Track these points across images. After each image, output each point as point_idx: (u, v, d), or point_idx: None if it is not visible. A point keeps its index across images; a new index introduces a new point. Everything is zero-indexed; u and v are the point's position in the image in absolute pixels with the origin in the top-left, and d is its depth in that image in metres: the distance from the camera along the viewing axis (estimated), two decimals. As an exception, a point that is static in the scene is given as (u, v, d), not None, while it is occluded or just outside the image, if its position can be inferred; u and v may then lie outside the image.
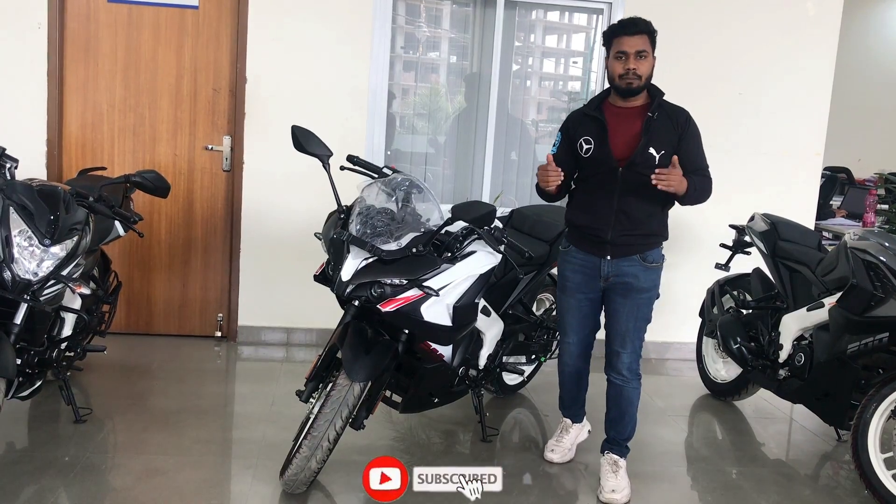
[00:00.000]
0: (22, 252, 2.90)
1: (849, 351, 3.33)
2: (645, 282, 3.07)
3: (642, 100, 3.04)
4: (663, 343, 5.14)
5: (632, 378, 3.15)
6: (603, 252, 3.06)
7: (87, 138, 4.67)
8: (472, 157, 5.09)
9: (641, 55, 2.95)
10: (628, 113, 3.04)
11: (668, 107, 3.04)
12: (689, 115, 3.06)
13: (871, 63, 7.89)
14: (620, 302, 3.08)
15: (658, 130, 2.98)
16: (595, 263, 3.09)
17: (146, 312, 4.87)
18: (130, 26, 4.62)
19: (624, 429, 3.22)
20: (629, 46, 2.95)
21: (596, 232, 3.06)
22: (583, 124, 3.09)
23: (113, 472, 3.11)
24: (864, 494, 3.21)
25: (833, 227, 6.24)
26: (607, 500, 3.12)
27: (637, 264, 3.05)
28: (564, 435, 3.48)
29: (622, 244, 3.03)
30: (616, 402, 3.20)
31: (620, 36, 2.97)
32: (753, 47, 4.97)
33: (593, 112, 3.07)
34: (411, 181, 3.07)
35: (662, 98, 3.05)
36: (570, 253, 3.18)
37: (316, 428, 2.81)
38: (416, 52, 5.19)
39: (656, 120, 2.99)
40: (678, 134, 3.00)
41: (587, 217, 3.09)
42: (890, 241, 3.36)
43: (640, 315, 3.10)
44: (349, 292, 2.85)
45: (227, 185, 4.79)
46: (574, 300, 3.19)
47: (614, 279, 3.07)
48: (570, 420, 3.50)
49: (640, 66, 2.94)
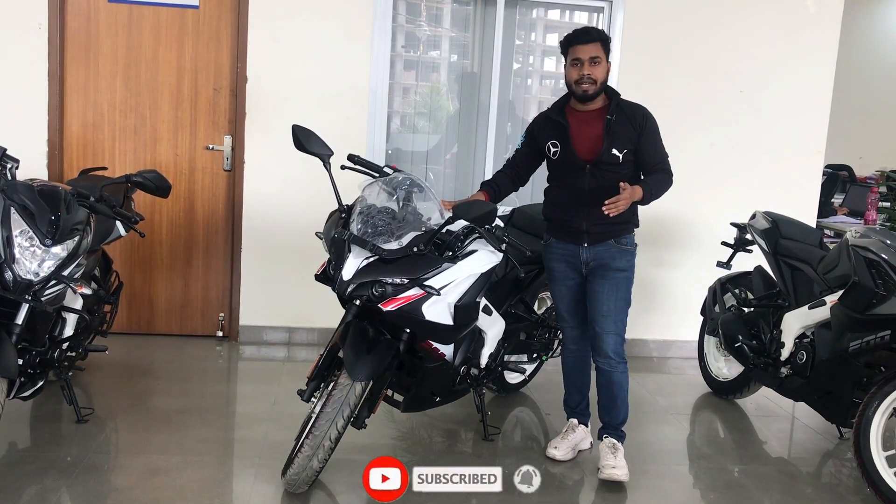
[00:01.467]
0: (23, 252, 2.90)
1: (851, 349, 3.33)
2: (621, 262, 3.25)
3: (601, 102, 3.23)
4: (665, 341, 5.14)
5: (619, 361, 3.26)
6: (580, 240, 3.26)
7: (88, 138, 4.68)
8: (473, 155, 5.09)
9: (595, 61, 3.13)
10: (589, 116, 3.23)
11: (626, 106, 3.23)
12: (645, 111, 3.24)
13: (873, 61, 7.89)
14: (600, 283, 3.25)
15: (618, 131, 3.17)
16: (574, 251, 3.28)
17: (148, 312, 4.87)
18: (131, 26, 4.62)
19: (617, 413, 3.32)
20: (583, 53, 3.13)
21: (571, 223, 3.26)
22: (547, 128, 3.30)
23: (115, 472, 3.11)
24: (867, 492, 3.20)
25: (835, 224, 6.24)
26: (608, 477, 3.18)
27: (612, 247, 3.24)
28: (570, 433, 3.50)
29: (597, 232, 3.23)
30: (606, 387, 3.31)
31: (575, 45, 3.16)
32: (754, 45, 4.97)
33: (556, 116, 3.27)
34: (412, 180, 3.07)
35: (620, 99, 3.23)
36: (552, 245, 3.38)
37: (318, 427, 2.81)
38: (416, 50, 5.19)
39: (615, 121, 3.17)
40: (637, 132, 3.19)
41: (562, 211, 3.31)
42: (892, 239, 3.35)
43: (619, 294, 3.25)
44: (350, 291, 2.85)
45: (228, 184, 4.79)
46: (564, 287, 3.37)
47: (594, 263, 3.26)
48: (576, 420, 3.52)
49: (594, 71, 3.13)
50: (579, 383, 3.52)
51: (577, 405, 3.53)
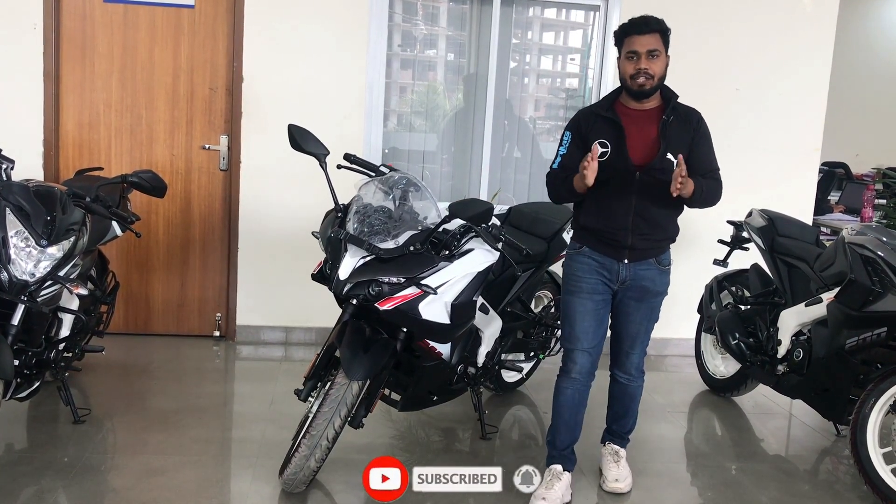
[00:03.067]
0: (19, 253, 2.90)
1: (847, 346, 3.34)
2: (660, 285, 3.04)
3: (656, 101, 2.95)
4: (662, 339, 5.13)
5: (638, 376, 3.16)
6: (620, 256, 2.95)
7: (84, 138, 4.67)
8: (470, 154, 5.08)
9: (653, 55, 2.84)
10: (642, 115, 2.93)
11: (682, 108, 2.97)
12: (700, 115, 3.00)
13: (869, 58, 7.90)
14: (635, 306, 3.02)
15: (674, 134, 2.90)
16: (612, 266, 2.96)
17: (144, 312, 4.87)
18: (126, 26, 4.61)
19: (626, 423, 3.25)
20: (640, 46, 2.84)
21: (614, 236, 2.94)
22: (596, 125, 2.94)
23: (112, 473, 3.11)
24: (864, 489, 3.21)
25: (831, 222, 6.25)
26: (611, 489, 3.14)
27: (653, 268, 3.00)
28: (556, 482, 3.02)
29: (640, 248, 2.95)
30: (620, 398, 3.20)
31: (632, 35, 2.86)
32: (751, 44, 4.97)
33: (606, 113, 2.93)
34: (408, 179, 3.06)
35: (676, 100, 2.97)
36: (584, 254, 3.00)
37: (315, 427, 2.81)
38: (413, 49, 5.19)
39: (672, 123, 2.91)
40: (691, 136, 2.93)
41: (603, 222, 2.95)
42: (888, 236, 3.36)
43: (651, 318, 3.09)
44: (347, 291, 2.85)
45: (225, 184, 4.78)
46: (591, 302, 2.98)
47: (631, 282, 2.98)
48: (560, 467, 3.05)
49: (651, 66, 2.83)
50: (573, 423, 3.06)
51: (565, 448, 3.07)
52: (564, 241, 3.76)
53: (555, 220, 3.82)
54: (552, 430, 3.09)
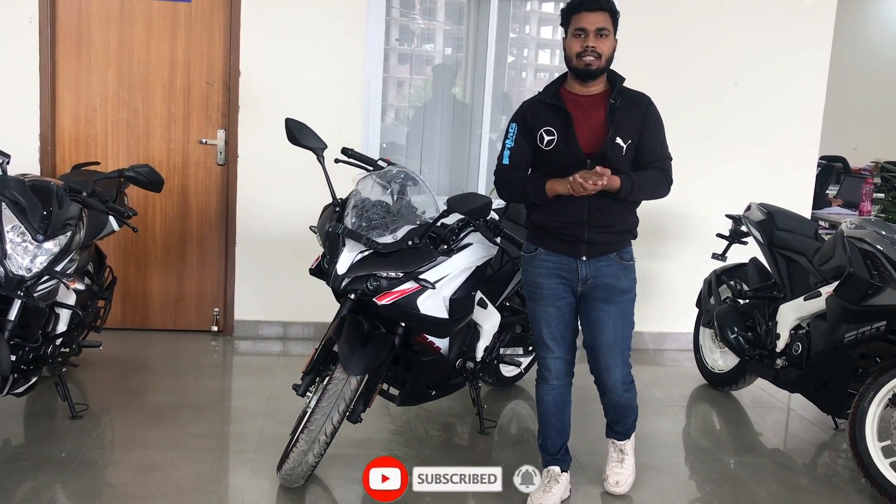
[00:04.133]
0: (15, 248, 2.89)
1: (846, 340, 3.33)
2: (626, 281, 2.83)
3: (602, 86, 2.80)
4: (660, 333, 5.14)
5: (627, 388, 2.94)
6: (578, 253, 2.78)
7: (81, 133, 4.65)
8: (468, 149, 5.07)
9: (602, 33, 2.69)
10: (588, 101, 2.78)
11: (629, 93, 2.82)
12: (650, 100, 2.84)
13: (867, 52, 7.89)
14: (604, 309, 2.81)
15: (622, 118, 2.75)
16: (570, 266, 2.79)
17: (142, 307, 4.85)
18: (123, 20, 4.59)
19: (627, 422, 3.10)
20: (589, 23, 2.69)
21: (570, 232, 2.77)
22: (542, 114, 2.79)
23: (110, 468, 3.10)
24: (862, 483, 3.21)
25: (829, 216, 6.24)
26: (611, 491, 3.13)
27: (615, 263, 2.81)
28: (554, 485, 2.95)
29: (599, 242, 2.78)
30: (614, 408, 3.02)
31: (580, 12, 2.71)
32: (749, 37, 4.95)
33: (551, 100, 2.78)
34: (406, 173, 3.06)
35: (623, 84, 2.81)
36: (539, 257, 2.84)
37: (313, 422, 2.80)
38: (410, 43, 5.17)
39: (619, 107, 2.75)
40: (640, 120, 2.78)
41: (557, 217, 2.78)
42: (886, 230, 3.35)
43: (626, 320, 2.86)
44: (345, 286, 2.84)
45: (222, 178, 4.77)
46: (554, 308, 2.83)
47: (593, 281, 2.80)
48: (557, 469, 2.99)
49: (600, 45, 2.69)
50: (560, 425, 2.97)
51: (558, 451, 3.00)
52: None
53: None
54: (542, 436, 3.02)
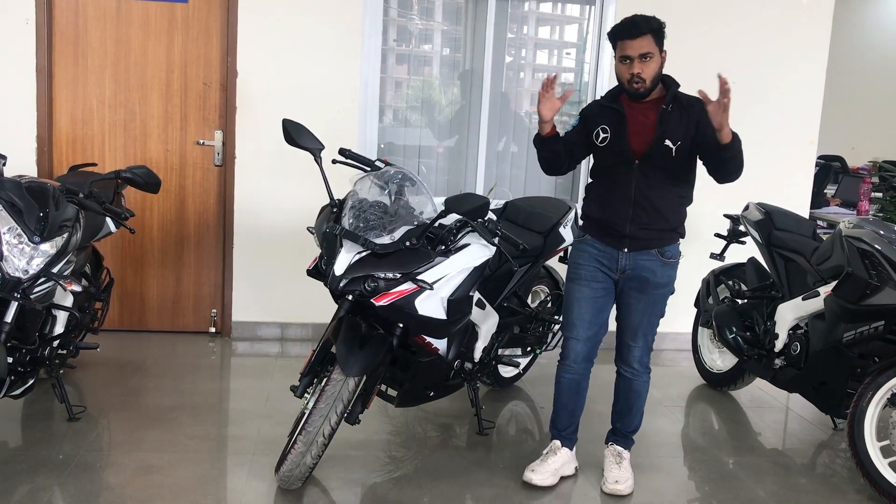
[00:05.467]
0: (11, 250, 2.88)
1: (844, 339, 3.33)
2: (662, 277, 3.05)
3: (657, 93, 3.00)
4: (659, 333, 5.03)
5: (642, 371, 3.16)
6: (621, 245, 3.02)
7: (78, 134, 4.64)
8: (466, 149, 5.07)
9: (646, 57, 2.87)
10: (643, 106, 2.99)
11: (684, 98, 2.99)
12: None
13: (865, 51, 7.89)
14: (636, 297, 3.05)
15: (673, 122, 2.94)
16: (612, 255, 3.04)
17: (139, 309, 4.85)
18: (119, 21, 4.58)
19: (631, 421, 3.23)
20: (632, 50, 2.87)
21: (613, 225, 3.01)
22: (601, 114, 3.05)
23: (107, 470, 3.09)
24: (861, 483, 3.21)
25: (827, 215, 6.24)
26: (611, 491, 3.12)
27: (654, 259, 3.02)
28: (551, 457, 3.18)
29: (640, 238, 3.00)
30: (625, 394, 3.20)
31: (623, 39, 2.90)
32: (747, 36, 4.95)
33: (611, 104, 3.03)
34: (404, 174, 3.05)
35: (678, 90, 2.99)
36: (587, 242, 3.11)
37: (311, 423, 2.80)
38: (408, 44, 5.17)
39: (671, 112, 2.94)
40: (695, 121, 2.93)
41: (604, 210, 3.04)
42: (885, 230, 3.35)
43: (654, 311, 3.09)
44: (343, 287, 2.83)
45: (220, 179, 4.76)
46: (589, 289, 3.06)
47: (631, 272, 3.03)
48: (559, 443, 3.21)
49: (644, 70, 2.88)
50: (572, 406, 3.19)
51: (565, 429, 3.21)
52: (561, 236, 3.74)
53: (551, 214, 3.80)
54: (553, 413, 3.23)
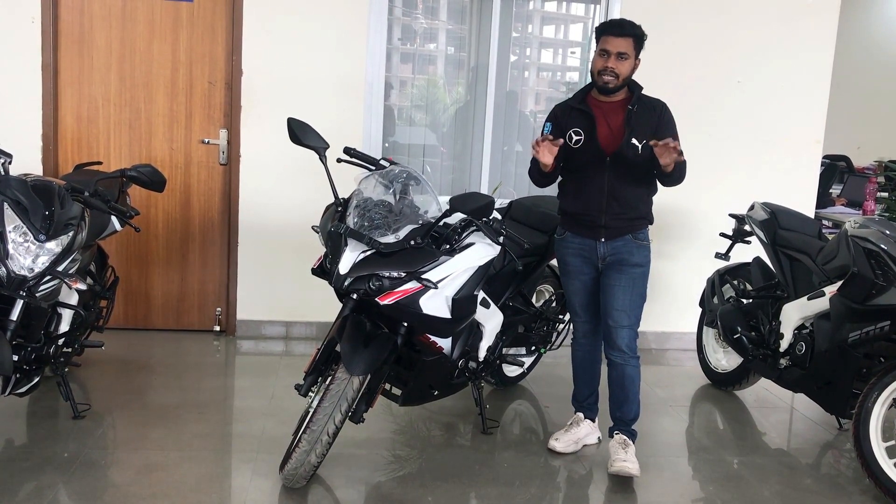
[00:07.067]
0: (17, 248, 2.89)
1: (850, 339, 3.32)
2: (638, 257, 3.24)
3: (623, 94, 3.22)
4: (664, 333, 5.13)
5: (631, 356, 3.27)
6: (597, 235, 3.24)
7: (83, 132, 4.65)
8: (471, 148, 5.06)
9: (622, 56, 3.11)
10: (610, 107, 3.22)
11: (647, 100, 3.24)
12: (665, 105, 3.26)
13: (871, 50, 7.86)
14: (616, 277, 3.24)
15: (638, 122, 3.17)
16: (591, 246, 3.27)
17: (144, 307, 4.85)
18: (125, 19, 4.58)
19: (629, 409, 3.31)
20: (612, 46, 3.11)
21: (589, 217, 3.24)
22: (571, 116, 3.26)
23: (112, 468, 3.10)
24: (866, 483, 3.20)
25: (833, 215, 6.22)
26: (618, 469, 3.17)
27: (630, 242, 3.23)
28: (574, 427, 3.49)
29: (615, 227, 3.22)
30: (618, 381, 3.31)
31: (607, 35, 3.13)
32: (752, 35, 4.94)
33: (580, 105, 3.25)
34: (409, 173, 3.05)
35: (641, 92, 3.23)
36: (566, 239, 3.35)
37: (315, 422, 2.80)
38: (413, 43, 5.16)
39: (636, 112, 3.18)
40: (655, 123, 3.19)
41: (580, 204, 3.26)
42: (890, 229, 3.34)
43: (635, 290, 3.25)
44: (347, 285, 2.83)
45: (224, 178, 4.77)
46: (578, 282, 3.35)
47: (610, 258, 3.25)
48: (582, 414, 3.52)
49: (619, 66, 3.12)
50: (588, 378, 3.50)
51: (585, 399, 3.52)
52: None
53: (556, 213, 3.79)
54: (574, 387, 3.55)
